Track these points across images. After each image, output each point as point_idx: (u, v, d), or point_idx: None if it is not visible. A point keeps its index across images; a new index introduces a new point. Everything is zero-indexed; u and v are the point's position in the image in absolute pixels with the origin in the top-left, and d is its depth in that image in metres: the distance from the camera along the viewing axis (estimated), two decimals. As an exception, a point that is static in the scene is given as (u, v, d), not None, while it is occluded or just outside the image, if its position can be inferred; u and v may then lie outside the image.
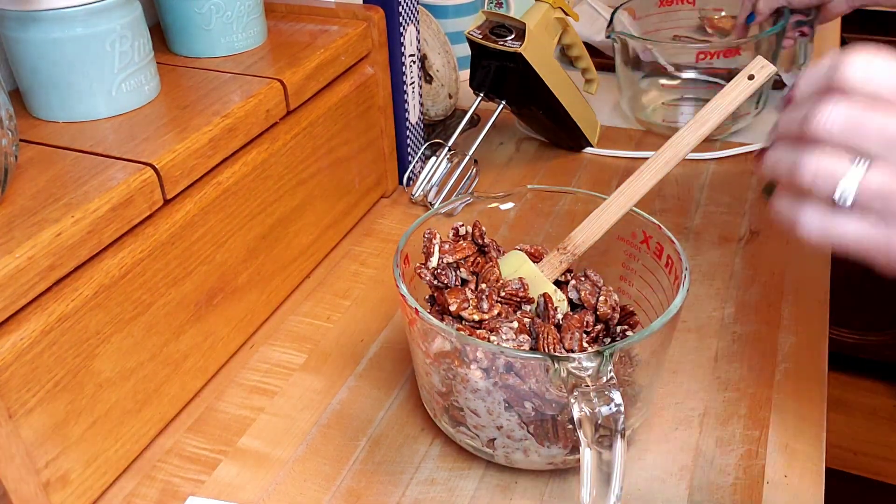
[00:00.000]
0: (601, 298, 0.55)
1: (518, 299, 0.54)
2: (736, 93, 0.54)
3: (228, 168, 0.59)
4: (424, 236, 0.56)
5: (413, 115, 0.83)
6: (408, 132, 0.83)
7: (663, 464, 0.53)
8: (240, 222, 0.60)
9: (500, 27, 0.80)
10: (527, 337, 0.51)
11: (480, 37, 0.81)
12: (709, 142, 0.91)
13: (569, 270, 0.58)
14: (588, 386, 0.42)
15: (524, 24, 0.79)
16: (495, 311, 0.52)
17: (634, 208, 0.56)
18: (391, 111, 0.80)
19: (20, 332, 0.44)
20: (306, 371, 0.62)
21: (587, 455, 0.42)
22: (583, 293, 0.55)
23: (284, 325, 0.67)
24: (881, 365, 1.71)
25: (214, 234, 0.58)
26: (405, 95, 0.81)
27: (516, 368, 0.46)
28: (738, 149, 0.89)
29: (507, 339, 0.50)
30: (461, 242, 0.56)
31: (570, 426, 0.48)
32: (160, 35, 0.70)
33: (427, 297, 0.57)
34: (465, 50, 0.87)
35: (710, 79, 1.05)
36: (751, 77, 0.54)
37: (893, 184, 0.38)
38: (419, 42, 0.81)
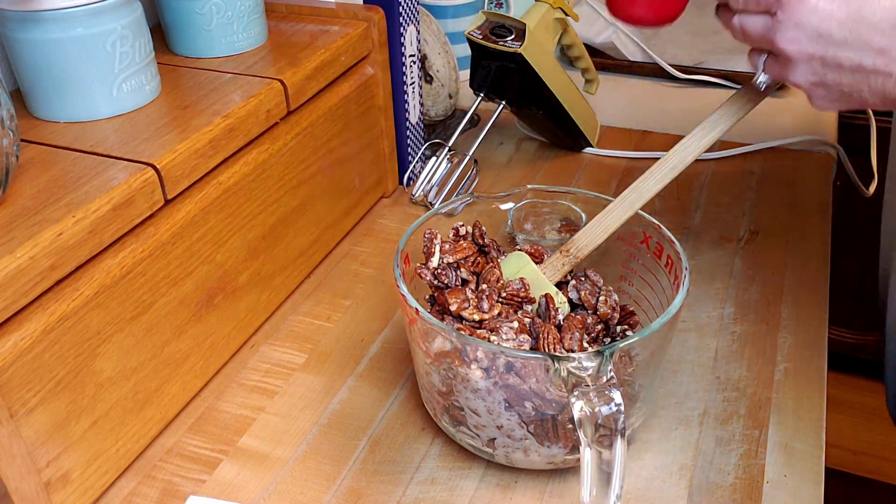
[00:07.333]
0: (601, 298, 0.55)
1: (519, 299, 0.54)
2: (745, 99, 0.54)
3: (229, 168, 0.59)
4: (425, 236, 0.56)
5: (413, 115, 0.83)
6: (408, 132, 0.83)
7: (663, 463, 0.53)
8: (240, 222, 0.60)
9: (500, 27, 0.80)
10: (527, 337, 0.51)
11: (480, 37, 0.81)
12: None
13: (569, 270, 0.58)
14: (588, 386, 0.42)
15: (524, 24, 0.79)
16: (495, 311, 0.52)
17: (634, 208, 0.56)
18: (391, 111, 0.80)
19: (21, 331, 0.44)
20: (306, 371, 0.62)
21: (587, 455, 0.42)
22: (583, 293, 0.56)
23: (285, 325, 0.67)
24: (881, 365, 1.71)
25: (215, 233, 0.58)
26: (405, 95, 0.81)
27: (516, 368, 0.46)
28: (738, 149, 0.89)
29: (508, 339, 0.50)
30: (461, 242, 0.56)
31: (570, 426, 0.48)
32: (161, 35, 0.70)
33: (427, 297, 0.57)
34: (465, 50, 0.88)
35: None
36: (760, 83, 0.54)
37: None
38: (419, 42, 0.81)
